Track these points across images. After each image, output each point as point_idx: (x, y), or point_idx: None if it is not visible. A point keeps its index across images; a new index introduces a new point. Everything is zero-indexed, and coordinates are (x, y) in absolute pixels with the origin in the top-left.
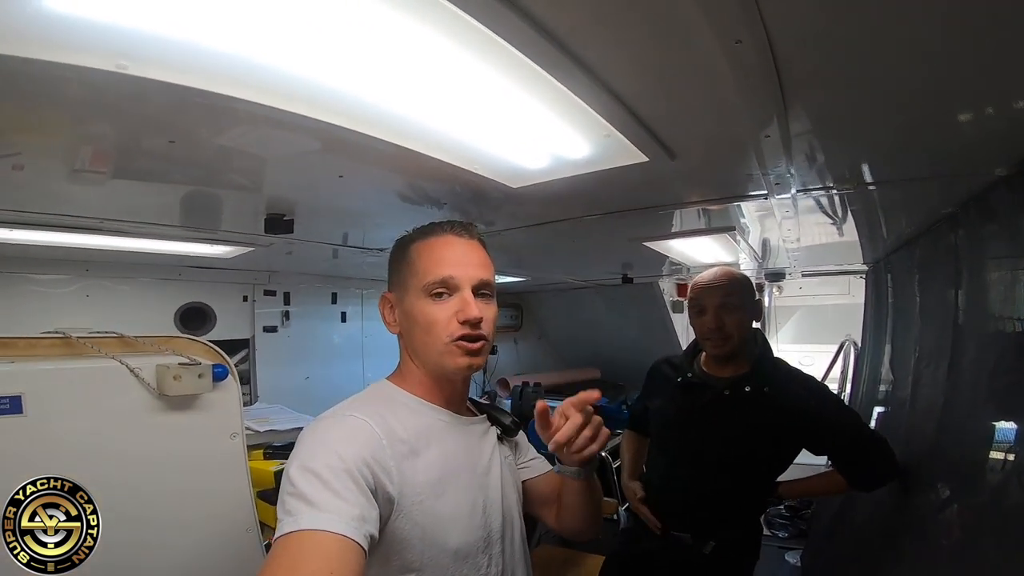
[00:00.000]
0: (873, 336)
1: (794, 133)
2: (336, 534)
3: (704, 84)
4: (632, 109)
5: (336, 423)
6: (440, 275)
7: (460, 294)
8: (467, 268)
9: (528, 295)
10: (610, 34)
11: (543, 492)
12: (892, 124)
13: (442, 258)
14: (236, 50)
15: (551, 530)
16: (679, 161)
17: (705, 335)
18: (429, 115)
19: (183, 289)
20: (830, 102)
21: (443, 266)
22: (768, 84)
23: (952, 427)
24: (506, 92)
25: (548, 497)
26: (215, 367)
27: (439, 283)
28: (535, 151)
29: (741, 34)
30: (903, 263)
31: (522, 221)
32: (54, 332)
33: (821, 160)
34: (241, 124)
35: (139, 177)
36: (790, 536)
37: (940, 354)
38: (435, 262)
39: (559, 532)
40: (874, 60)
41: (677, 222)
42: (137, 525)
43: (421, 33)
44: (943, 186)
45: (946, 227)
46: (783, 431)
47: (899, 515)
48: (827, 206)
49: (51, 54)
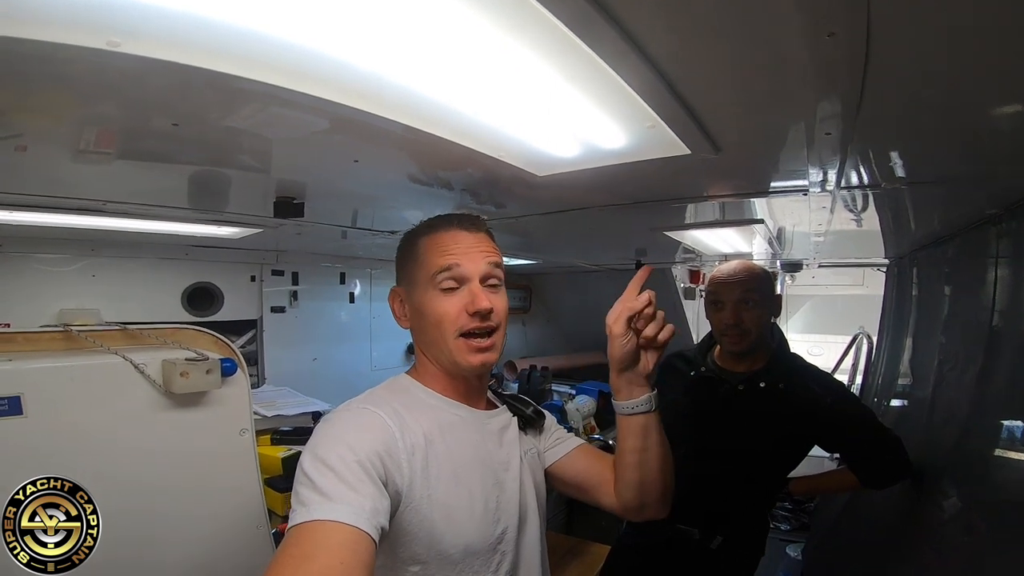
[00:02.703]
0: (892, 332)
1: (858, 131)
2: (348, 525)
3: (773, 78)
4: (685, 99)
5: (351, 416)
6: (448, 268)
7: (468, 286)
8: (475, 260)
9: (537, 277)
10: (674, 14)
11: (582, 469)
12: (956, 124)
13: (449, 251)
14: (240, 23)
15: (608, 509)
16: (723, 155)
17: (722, 331)
18: (452, 97)
19: (190, 269)
20: (904, 100)
21: (450, 259)
22: (851, 80)
23: (980, 433)
24: (538, 71)
25: (590, 472)
26: (223, 361)
27: (447, 276)
28: (566, 139)
29: (837, 26)
30: (932, 260)
31: (540, 208)
32: (54, 325)
33: (875, 158)
34: (248, 105)
35: (144, 158)
36: (792, 529)
37: (970, 357)
38: (442, 256)
39: (621, 510)
40: (953, 56)
41: (703, 213)
42: (142, 524)
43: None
44: (990, 186)
45: (987, 228)
46: (797, 428)
47: (912, 516)
48: (858, 201)
49: (38, 32)
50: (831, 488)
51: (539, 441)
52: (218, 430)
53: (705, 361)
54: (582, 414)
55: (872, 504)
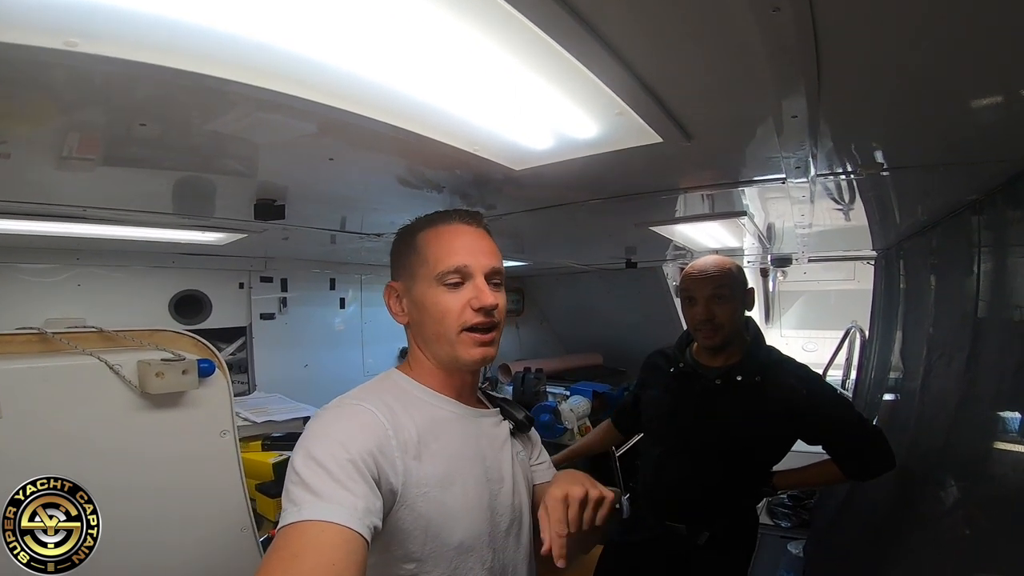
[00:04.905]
0: (882, 324)
1: (823, 114)
2: (339, 525)
3: (731, 58)
4: (648, 84)
5: (342, 412)
6: (454, 264)
7: (473, 282)
8: (479, 256)
9: (530, 279)
10: (630, 2)
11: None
12: (925, 107)
13: (454, 247)
14: (202, 21)
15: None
16: (695, 142)
17: (696, 326)
18: (423, 91)
19: (177, 277)
20: (866, 82)
21: (456, 255)
22: (804, 59)
23: (970, 421)
24: (507, 64)
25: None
26: (200, 362)
27: (453, 272)
28: (539, 131)
29: (780, 1)
30: (918, 250)
31: (525, 205)
32: (29, 328)
33: (847, 143)
34: (220, 104)
35: (121, 163)
36: (792, 526)
37: (956, 345)
38: (447, 251)
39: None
40: (916, 37)
41: (686, 206)
42: (124, 527)
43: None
44: (969, 172)
45: (968, 215)
46: (775, 421)
47: (907, 507)
48: (842, 191)
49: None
50: (816, 481)
51: (526, 450)
52: (197, 432)
53: (684, 357)
54: (576, 415)
55: (870, 498)
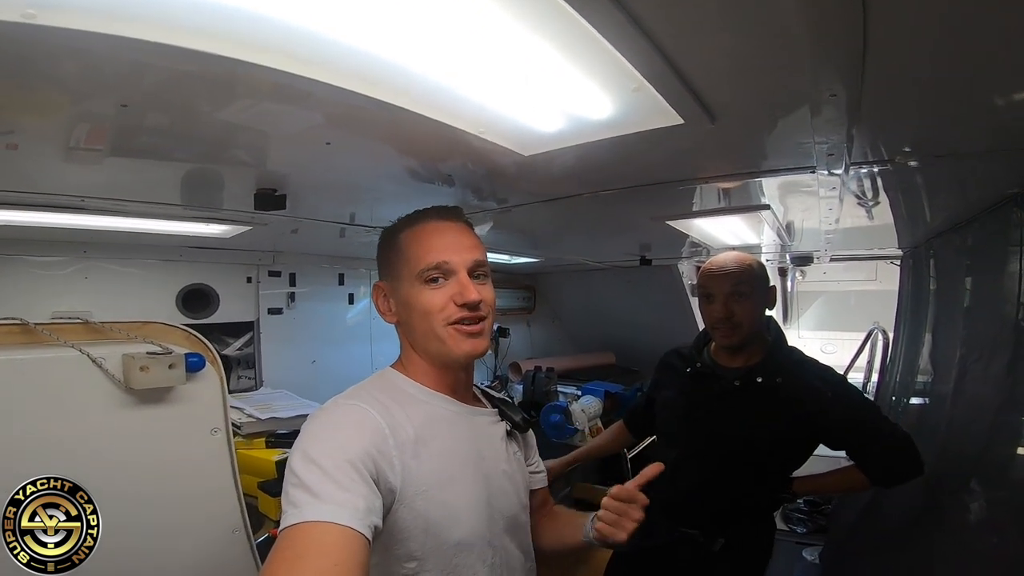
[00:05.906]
0: (909, 325)
1: (865, 95)
2: (341, 525)
3: (768, 29)
4: (670, 57)
5: (339, 412)
6: (434, 261)
7: (456, 277)
8: (460, 251)
9: (542, 276)
10: None
11: (535, 508)
12: (973, 90)
13: (433, 244)
14: None
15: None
16: (719, 124)
17: (714, 324)
18: (420, 64)
19: (184, 270)
20: (914, 59)
21: (435, 252)
22: (852, 31)
23: (1010, 426)
24: (513, 32)
25: (535, 509)
26: (189, 356)
27: (433, 269)
28: (548, 111)
29: None
30: (950, 248)
31: (535, 196)
32: (11, 318)
33: (886, 129)
34: (206, 84)
35: (125, 153)
36: (808, 532)
37: (996, 348)
38: (426, 249)
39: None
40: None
41: (705, 199)
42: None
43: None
44: (1011, 162)
45: (1009, 209)
46: (796, 424)
47: (935, 515)
48: (872, 183)
49: None
50: (837, 488)
51: (522, 451)
52: (186, 429)
53: (701, 356)
54: (588, 415)
55: (894, 506)
